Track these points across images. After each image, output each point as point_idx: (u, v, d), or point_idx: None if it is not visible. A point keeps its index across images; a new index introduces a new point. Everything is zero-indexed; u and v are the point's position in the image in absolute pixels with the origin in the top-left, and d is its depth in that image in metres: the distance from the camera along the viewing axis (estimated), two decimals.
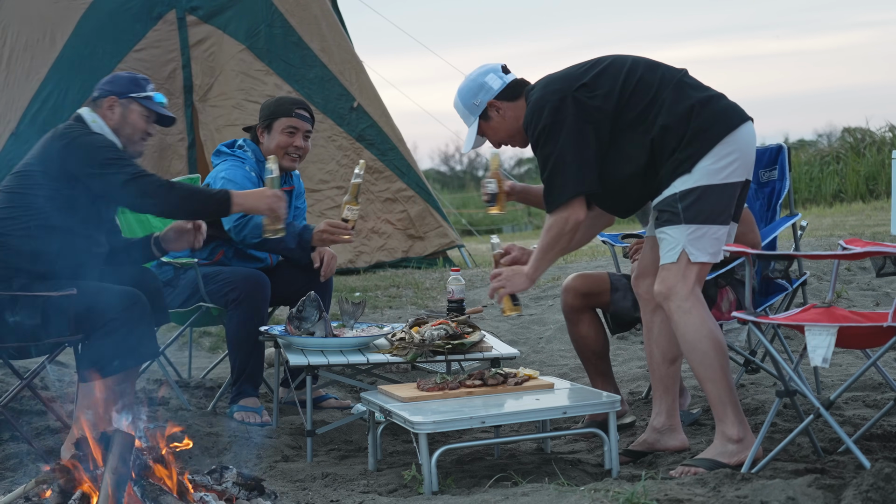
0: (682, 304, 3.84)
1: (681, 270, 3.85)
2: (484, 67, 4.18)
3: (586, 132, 3.88)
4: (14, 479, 4.10)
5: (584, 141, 3.88)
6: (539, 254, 4.05)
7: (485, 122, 4.18)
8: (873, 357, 3.66)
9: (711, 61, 59.38)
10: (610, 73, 3.93)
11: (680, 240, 3.85)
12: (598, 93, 3.90)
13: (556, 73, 4.05)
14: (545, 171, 3.96)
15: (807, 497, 3.26)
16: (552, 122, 3.90)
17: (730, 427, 3.82)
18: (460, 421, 3.78)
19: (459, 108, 4.20)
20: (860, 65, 68.50)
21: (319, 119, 9.95)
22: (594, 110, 3.89)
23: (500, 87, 4.13)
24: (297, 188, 5.47)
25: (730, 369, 3.88)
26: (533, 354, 6.42)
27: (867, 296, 7.10)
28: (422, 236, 10.28)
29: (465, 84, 4.19)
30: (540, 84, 4.05)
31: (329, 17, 10.25)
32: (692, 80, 3.97)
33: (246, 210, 4.54)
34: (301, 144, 5.27)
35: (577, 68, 4.02)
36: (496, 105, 4.14)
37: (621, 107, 3.89)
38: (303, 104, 5.33)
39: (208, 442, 4.53)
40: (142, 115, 4.56)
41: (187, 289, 5.18)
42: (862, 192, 16.46)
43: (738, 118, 3.90)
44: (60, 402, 5.27)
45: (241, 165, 5.22)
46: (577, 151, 3.88)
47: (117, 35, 9.55)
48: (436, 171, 36.08)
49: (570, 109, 3.88)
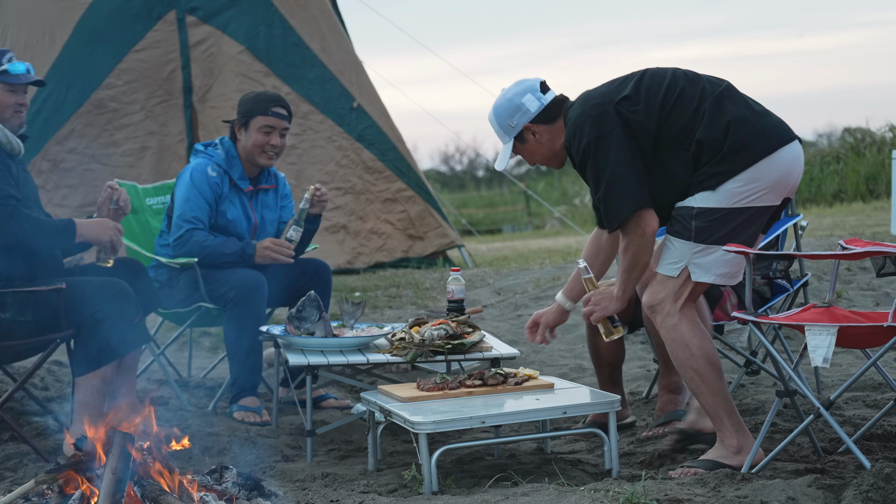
0: (669, 320, 3.81)
1: (676, 287, 3.80)
2: (522, 85, 4.02)
3: (634, 146, 3.76)
4: (14, 479, 4.10)
5: (634, 154, 3.76)
6: (624, 274, 3.89)
7: (520, 144, 4.05)
8: (873, 357, 3.66)
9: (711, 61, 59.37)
10: (650, 87, 3.80)
11: (684, 256, 3.78)
12: (640, 107, 3.77)
13: (594, 89, 3.92)
14: (599, 188, 3.80)
15: (807, 497, 3.26)
16: (598, 135, 3.77)
17: (728, 436, 3.81)
18: (460, 421, 3.78)
19: (494, 125, 4.06)
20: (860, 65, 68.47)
21: (319, 119, 9.96)
22: (636, 125, 3.76)
23: (538, 110, 3.98)
24: (281, 190, 5.47)
25: (724, 379, 3.85)
26: (533, 354, 6.42)
27: (867, 296, 7.10)
28: (422, 236, 10.28)
29: (501, 102, 4.03)
30: (578, 101, 3.90)
31: (329, 18, 10.24)
32: (735, 93, 3.82)
33: (88, 240, 4.54)
34: (277, 143, 5.25)
35: (615, 82, 3.90)
36: (532, 128, 3.99)
37: (662, 122, 3.76)
38: (280, 101, 5.29)
39: (208, 442, 4.53)
40: (4, 91, 4.47)
41: (186, 289, 5.18)
42: (862, 192, 16.46)
43: (777, 140, 3.74)
44: (59, 401, 5.27)
45: (207, 161, 5.24)
46: (631, 163, 3.75)
47: (117, 35, 9.55)
48: (436, 171, 36.04)
49: (614, 121, 3.76)
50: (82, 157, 9.38)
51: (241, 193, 5.28)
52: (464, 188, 32.48)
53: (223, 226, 5.23)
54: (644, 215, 3.77)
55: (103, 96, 9.48)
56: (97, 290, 4.34)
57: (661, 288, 3.82)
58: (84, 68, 9.38)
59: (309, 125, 9.93)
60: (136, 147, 9.52)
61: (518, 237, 18.97)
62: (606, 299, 3.97)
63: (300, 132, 9.88)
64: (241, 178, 5.27)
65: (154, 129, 9.59)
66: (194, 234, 5.13)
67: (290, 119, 5.30)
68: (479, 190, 31.55)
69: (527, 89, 4.00)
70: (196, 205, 5.16)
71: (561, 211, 21.19)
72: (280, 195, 5.47)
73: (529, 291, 8.23)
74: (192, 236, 5.13)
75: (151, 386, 5.81)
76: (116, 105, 9.51)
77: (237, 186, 5.26)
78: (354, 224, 10.03)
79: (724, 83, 3.86)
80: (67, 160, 9.33)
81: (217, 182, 5.21)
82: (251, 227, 5.30)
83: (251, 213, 5.31)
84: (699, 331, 3.82)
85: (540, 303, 7.78)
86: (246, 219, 5.28)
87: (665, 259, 3.84)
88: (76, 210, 9.08)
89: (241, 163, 5.27)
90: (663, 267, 3.83)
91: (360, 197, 10.07)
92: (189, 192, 5.18)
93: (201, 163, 5.25)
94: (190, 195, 5.17)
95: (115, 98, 9.51)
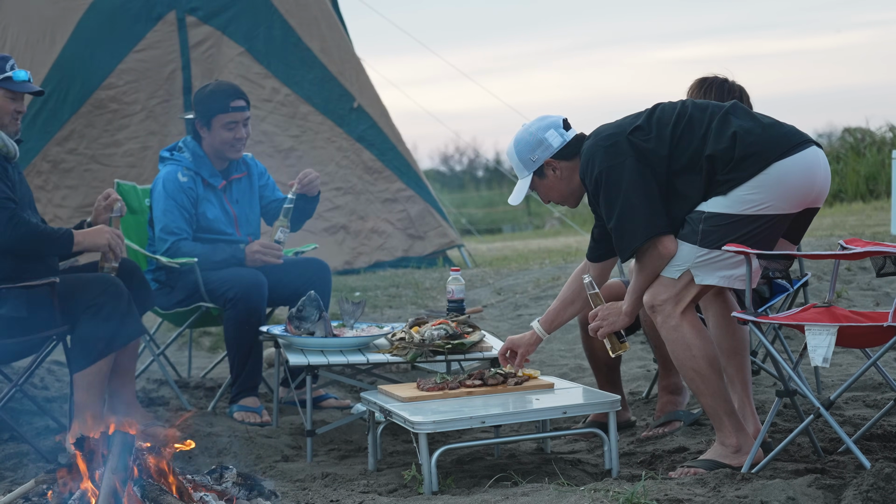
0: (669, 321, 3.81)
1: (678, 289, 3.79)
2: (545, 121, 4.04)
3: (647, 174, 3.78)
4: (14, 479, 4.10)
5: (648, 182, 3.77)
6: (635, 293, 3.90)
7: (539, 179, 4.05)
8: (873, 357, 3.66)
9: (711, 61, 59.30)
10: (661, 118, 3.82)
11: (688, 260, 3.77)
12: (651, 136, 3.79)
13: (607, 124, 3.95)
14: (612, 217, 3.81)
15: (807, 497, 3.26)
16: (609, 165, 3.79)
17: (728, 436, 3.82)
18: (460, 421, 3.78)
19: (514, 159, 4.05)
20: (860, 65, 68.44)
21: (319, 121, 9.95)
22: (649, 152, 3.78)
23: (560, 146, 4.00)
24: (252, 171, 5.45)
25: (724, 380, 3.85)
26: (533, 354, 6.42)
27: (867, 296, 7.09)
28: (422, 236, 10.27)
29: (522, 135, 4.04)
30: (592, 134, 3.94)
31: (329, 18, 10.24)
32: (740, 109, 3.83)
33: (86, 248, 4.55)
34: (243, 135, 5.25)
35: (628, 117, 3.92)
36: (553, 164, 4.01)
37: (674, 147, 3.77)
38: (235, 93, 5.25)
39: (208, 442, 4.53)
40: (5, 97, 4.52)
41: (186, 289, 5.18)
42: (862, 192, 16.45)
43: (787, 145, 3.73)
44: (59, 402, 5.27)
45: (176, 167, 5.23)
46: (644, 192, 3.76)
47: (117, 35, 9.55)
48: (436, 171, 36.03)
49: (626, 151, 3.78)
50: (82, 158, 9.38)
51: (216, 190, 5.29)
52: (464, 188, 32.48)
53: (206, 227, 5.24)
54: (661, 241, 3.78)
55: (103, 97, 9.48)
56: (90, 285, 4.38)
57: (662, 290, 3.82)
58: (84, 68, 9.38)
59: (309, 126, 9.93)
60: (137, 147, 9.52)
61: (518, 237, 18.96)
62: (614, 314, 3.97)
63: (300, 133, 9.88)
64: (213, 176, 5.28)
65: (155, 130, 9.59)
66: (181, 245, 5.13)
67: (249, 106, 5.28)
68: (478, 190, 31.54)
69: (550, 125, 4.03)
70: (175, 215, 5.16)
71: (561, 211, 21.19)
72: (256, 175, 5.46)
73: (529, 291, 8.23)
74: (179, 248, 5.13)
75: (151, 386, 5.81)
76: (117, 105, 9.51)
77: (210, 185, 5.27)
78: (354, 224, 10.03)
79: (731, 103, 3.87)
80: (67, 161, 9.33)
81: (190, 186, 5.21)
82: (232, 222, 5.31)
83: (228, 207, 5.31)
84: (700, 332, 3.82)
85: (540, 303, 7.78)
86: (225, 215, 5.29)
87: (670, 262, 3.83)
88: (76, 210, 9.08)
89: (209, 160, 5.28)
90: (667, 268, 3.82)
91: (360, 197, 10.07)
92: (166, 203, 5.17)
93: (171, 170, 5.24)
94: (167, 206, 5.17)
95: (116, 98, 9.51)
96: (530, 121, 4.08)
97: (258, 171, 5.48)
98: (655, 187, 3.78)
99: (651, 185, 3.77)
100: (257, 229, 5.45)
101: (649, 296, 3.85)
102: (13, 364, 5.29)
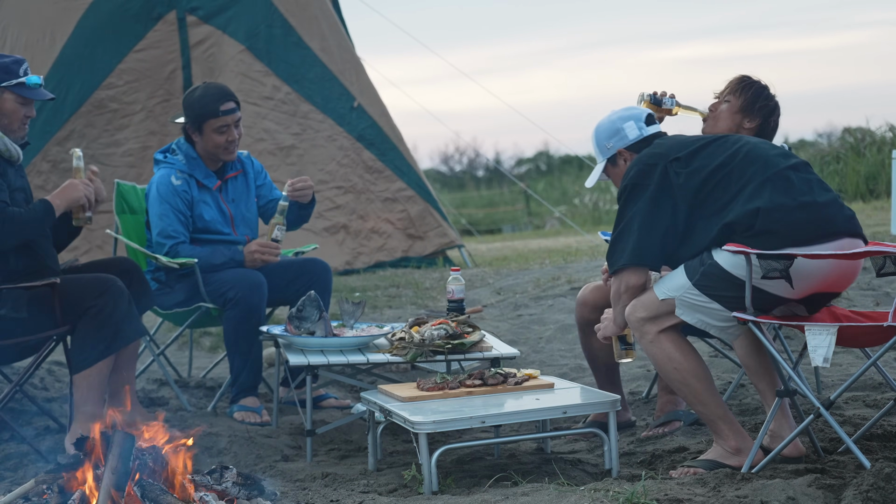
0: (646, 336, 3.87)
1: (658, 311, 3.83)
2: (628, 112, 4.11)
3: (665, 207, 3.78)
4: (14, 479, 4.10)
5: (657, 214, 3.78)
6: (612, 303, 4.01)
7: (611, 167, 4.12)
8: (873, 357, 3.65)
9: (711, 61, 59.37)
10: (710, 153, 3.80)
11: (678, 290, 3.79)
12: (685, 171, 3.78)
13: (673, 137, 3.97)
14: (616, 229, 3.90)
15: (807, 497, 3.26)
16: (636, 183, 3.83)
17: (726, 438, 3.83)
18: (460, 421, 3.78)
19: (593, 143, 4.15)
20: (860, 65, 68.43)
21: (319, 119, 9.95)
22: (677, 188, 3.78)
23: (634, 139, 4.04)
24: (248, 169, 5.43)
25: (713, 385, 3.86)
26: (533, 354, 6.42)
27: (867, 295, 7.09)
28: (422, 236, 10.27)
29: (605, 122, 4.13)
30: (656, 143, 3.98)
31: (329, 17, 10.24)
32: (784, 180, 3.72)
33: (66, 205, 4.48)
34: (235, 137, 5.22)
35: (689, 139, 3.92)
36: (625, 155, 4.06)
37: (702, 193, 3.75)
38: (224, 95, 5.21)
39: (208, 442, 4.53)
40: (16, 102, 4.46)
41: (186, 289, 5.18)
42: (862, 191, 16.44)
43: (814, 234, 3.65)
44: (60, 402, 5.27)
45: (170, 171, 5.22)
46: (648, 223, 3.78)
47: (117, 35, 9.55)
48: (436, 170, 36.03)
49: (656, 179, 3.79)
50: (83, 157, 9.37)
51: (211, 191, 5.28)
52: (464, 188, 32.48)
53: (203, 228, 5.24)
54: (632, 273, 3.85)
55: (104, 96, 9.48)
56: (90, 285, 4.37)
57: (642, 308, 3.86)
58: (84, 68, 9.38)
59: (309, 125, 9.93)
60: (137, 147, 9.52)
61: (518, 237, 18.96)
62: (607, 320, 4.11)
63: (300, 132, 9.89)
64: (207, 177, 5.27)
65: (155, 129, 9.59)
66: (179, 248, 5.13)
67: (239, 106, 5.25)
68: (479, 190, 31.54)
69: (631, 117, 4.08)
70: (171, 219, 5.15)
71: (561, 211, 21.19)
72: (254, 174, 5.44)
73: (529, 291, 8.23)
74: (177, 252, 5.13)
75: (151, 386, 5.81)
76: (117, 105, 9.51)
77: (205, 186, 5.26)
78: (355, 224, 10.03)
79: (784, 165, 3.78)
80: (68, 160, 9.33)
81: (184, 189, 5.19)
82: (228, 221, 5.30)
83: (224, 207, 5.31)
84: (679, 345, 3.85)
85: (540, 303, 7.78)
86: (222, 215, 5.28)
87: (665, 281, 3.86)
88: None
89: (202, 162, 5.27)
90: (659, 286, 3.85)
91: (361, 196, 10.07)
92: (161, 207, 5.16)
93: (164, 174, 5.22)
94: (163, 211, 5.16)
95: (116, 98, 9.51)
96: (619, 108, 4.14)
97: (255, 170, 5.45)
98: (665, 222, 3.78)
99: (659, 219, 3.79)
100: (255, 228, 5.45)
101: (630, 309, 3.90)
102: (13, 364, 5.29)
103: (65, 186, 4.51)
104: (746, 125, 4.44)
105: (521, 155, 37.08)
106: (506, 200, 27.56)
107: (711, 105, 4.53)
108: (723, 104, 4.48)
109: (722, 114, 4.47)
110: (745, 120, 4.44)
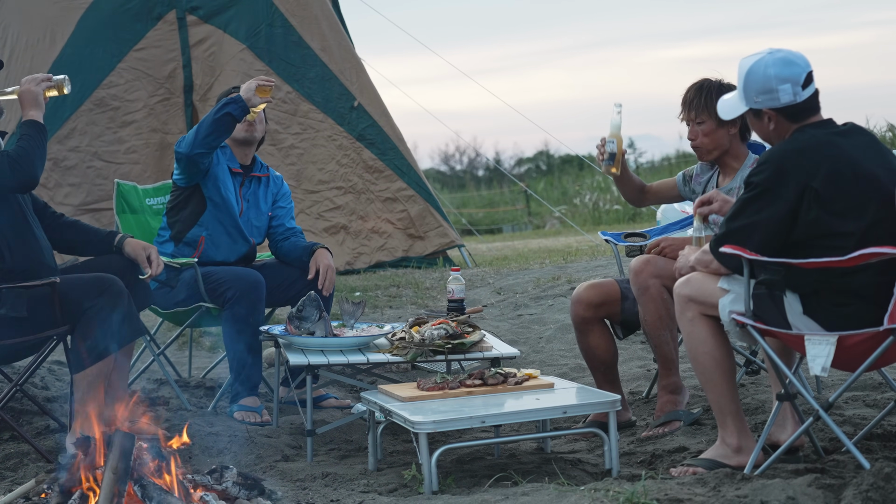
0: (686, 313, 3.85)
1: (712, 297, 3.79)
2: (788, 70, 3.71)
3: (787, 223, 3.62)
4: (14, 479, 4.10)
5: (778, 229, 3.63)
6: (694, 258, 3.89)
7: (754, 117, 3.82)
8: (872, 357, 3.65)
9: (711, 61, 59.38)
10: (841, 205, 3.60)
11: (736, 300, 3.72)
12: (817, 208, 3.60)
13: (820, 138, 3.70)
14: (737, 218, 3.70)
15: (807, 497, 3.26)
16: (766, 188, 3.64)
17: (729, 436, 3.83)
18: (460, 420, 3.78)
19: (740, 85, 3.81)
20: (860, 65, 68.46)
21: (319, 119, 9.96)
22: (803, 212, 3.61)
23: (787, 104, 3.72)
24: (273, 188, 5.52)
25: (734, 382, 3.86)
26: (533, 354, 6.42)
27: None
28: (422, 236, 10.28)
29: (761, 72, 3.74)
30: (805, 137, 3.71)
31: (329, 17, 10.25)
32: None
33: (30, 104, 4.46)
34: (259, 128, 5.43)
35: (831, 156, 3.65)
36: (772, 117, 3.77)
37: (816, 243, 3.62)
38: None
39: (208, 442, 4.53)
40: None
41: (186, 288, 5.19)
42: None
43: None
44: (60, 401, 5.27)
45: None
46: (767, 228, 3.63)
47: (117, 35, 9.56)
48: (436, 170, 36.06)
49: (788, 196, 3.61)
50: (84, 155, 9.38)
51: (234, 178, 5.37)
52: (464, 188, 32.48)
53: (217, 203, 5.30)
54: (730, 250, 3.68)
55: (104, 95, 9.49)
56: (90, 285, 4.37)
57: (696, 287, 3.82)
58: (85, 68, 9.38)
59: (309, 124, 9.94)
60: (139, 144, 9.54)
61: (518, 237, 18.97)
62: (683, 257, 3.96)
63: (300, 131, 9.89)
64: (232, 161, 5.38)
65: (156, 127, 9.61)
66: (196, 136, 5.18)
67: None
68: (479, 190, 31.54)
69: (789, 77, 3.71)
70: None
71: (561, 210, 21.20)
72: (275, 189, 5.53)
73: (529, 291, 8.24)
74: (194, 136, 5.18)
75: (151, 386, 5.81)
76: (118, 103, 9.53)
77: (230, 170, 5.36)
78: (355, 224, 10.03)
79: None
80: (69, 158, 9.34)
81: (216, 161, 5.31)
82: (239, 211, 5.34)
83: (239, 197, 5.36)
84: (714, 333, 3.84)
85: (540, 303, 7.78)
86: (236, 202, 5.34)
87: (729, 280, 3.78)
88: (78, 208, 9.08)
89: (230, 150, 5.39)
90: (723, 281, 3.78)
91: (361, 196, 10.07)
92: None
93: None
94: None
95: (117, 96, 9.52)
96: (778, 51, 3.77)
97: (278, 188, 5.56)
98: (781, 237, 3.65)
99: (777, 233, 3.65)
100: (260, 236, 5.49)
101: (682, 283, 3.87)
102: (13, 364, 5.29)
103: (22, 101, 4.49)
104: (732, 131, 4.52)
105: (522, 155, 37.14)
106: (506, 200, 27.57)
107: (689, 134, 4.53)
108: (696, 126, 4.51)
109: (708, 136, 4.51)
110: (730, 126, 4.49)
